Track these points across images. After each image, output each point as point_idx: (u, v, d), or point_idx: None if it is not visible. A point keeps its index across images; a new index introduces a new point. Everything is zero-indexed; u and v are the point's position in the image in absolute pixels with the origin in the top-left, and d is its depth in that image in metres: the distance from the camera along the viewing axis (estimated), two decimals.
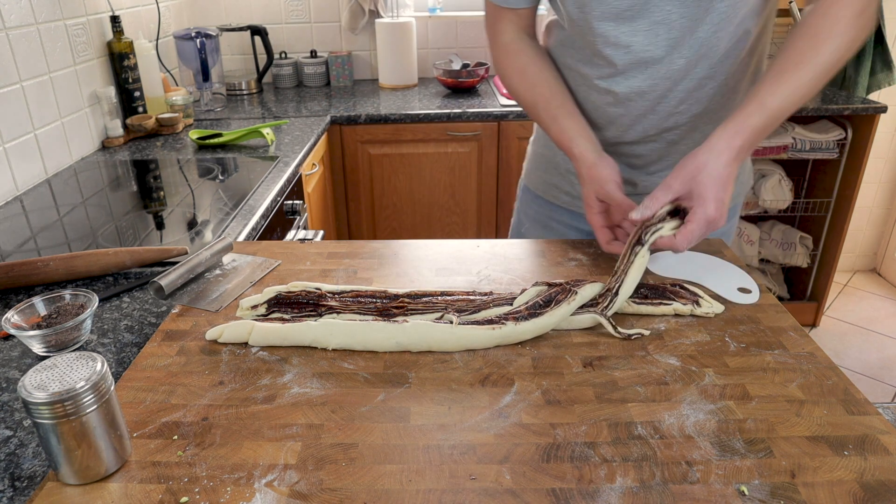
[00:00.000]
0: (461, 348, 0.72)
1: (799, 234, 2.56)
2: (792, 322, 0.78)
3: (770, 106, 0.80)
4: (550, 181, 1.14)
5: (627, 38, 0.89)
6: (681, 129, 0.98)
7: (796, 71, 0.79)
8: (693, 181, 0.78)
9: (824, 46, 0.79)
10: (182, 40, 2.13)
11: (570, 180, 1.10)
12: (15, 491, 0.57)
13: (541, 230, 1.17)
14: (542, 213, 1.17)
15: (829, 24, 0.79)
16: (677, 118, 0.96)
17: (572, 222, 1.13)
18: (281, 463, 0.57)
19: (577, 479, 0.55)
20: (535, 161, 1.18)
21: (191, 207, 1.31)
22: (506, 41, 1.01)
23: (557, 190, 1.13)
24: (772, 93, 0.80)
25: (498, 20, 1.01)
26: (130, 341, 0.80)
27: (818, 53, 0.79)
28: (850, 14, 0.79)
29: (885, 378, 2.41)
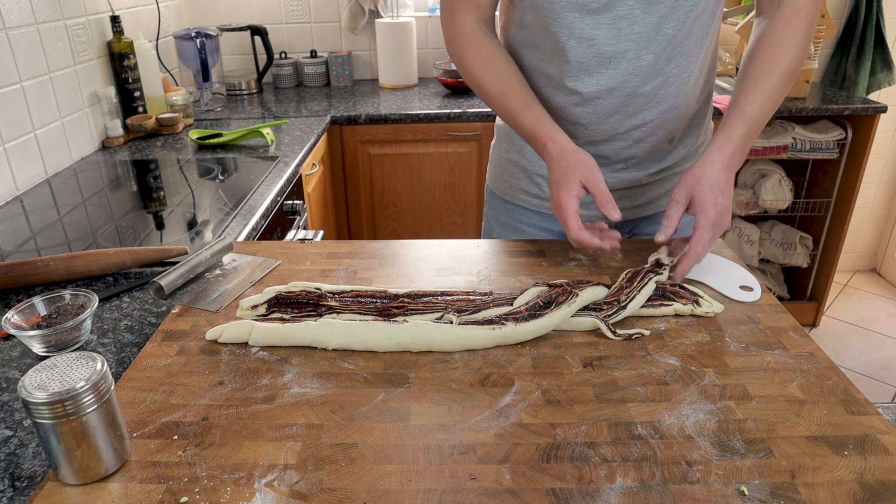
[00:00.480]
0: (461, 348, 0.72)
1: (799, 234, 2.56)
2: (792, 322, 0.78)
3: (750, 113, 0.87)
4: (516, 184, 1.13)
5: (591, 30, 0.90)
6: (648, 126, 0.98)
7: (768, 78, 0.87)
8: (693, 191, 0.85)
9: (788, 55, 0.87)
10: (182, 40, 2.13)
11: (536, 182, 1.09)
12: (15, 491, 0.57)
13: (511, 234, 1.16)
14: (510, 217, 1.16)
15: (790, 34, 0.88)
16: (644, 115, 0.96)
17: (541, 223, 1.13)
18: (281, 463, 0.57)
19: (577, 479, 0.55)
20: (499, 165, 1.17)
21: (191, 207, 1.31)
22: (467, 30, 1.00)
23: (524, 193, 1.12)
24: (750, 101, 0.87)
25: (457, 10, 1.00)
26: (130, 341, 0.80)
27: (783, 60, 0.87)
28: (806, 24, 0.88)
29: (885, 378, 2.41)
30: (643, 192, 1.07)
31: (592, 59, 0.92)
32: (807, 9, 0.88)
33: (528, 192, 1.12)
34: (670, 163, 1.05)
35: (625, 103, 0.95)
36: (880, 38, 2.56)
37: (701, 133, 1.07)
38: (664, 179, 1.07)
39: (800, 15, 0.88)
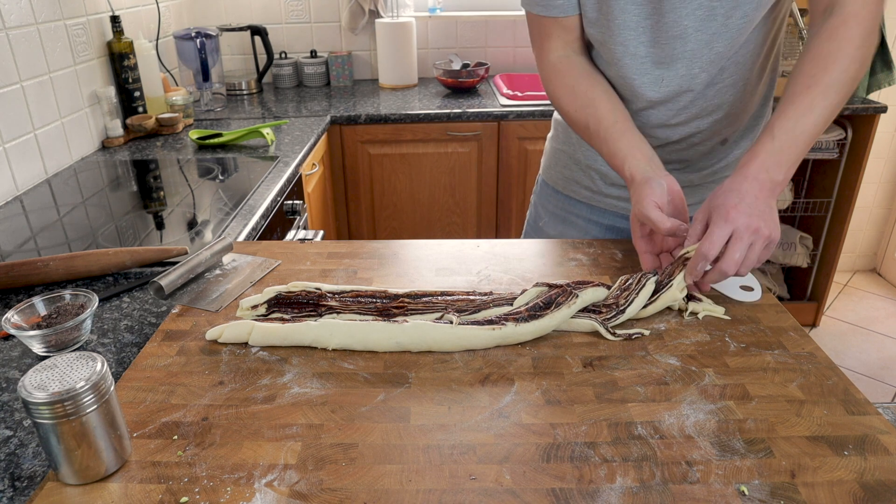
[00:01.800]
0: (461, 348, 0.72)
1: (799, 234, 2.56)
2: (792, 322, 0.78)
3: (781, 129, 0.80)
4: (570, 176, 1.15)
5: (645, 48, 0.90)
6: (701, 133, 0.99)
7: (807, 94, 0.80)
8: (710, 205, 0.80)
9: (833, 68, 0.80)
10: (182, 40, 2.13)
11: (589, 175, 1.11)
12: (15, 491, 0.57)
13: (559, 224, 1.19)
14: (560, 208, 1.18)
15: (836, 46, 0.80)
16: (698, 124, 0.97)
17: (591, 216, 1.14)
18: (281, 463, 0.57)
19: (577, 479, 0.55)
20: (553, 156, 1.19)
21: (191, 207, 1.31)
22: (553, 59, 0.98)
23: (577, 185, 1.14)
24: (784, 118, 0.80)
25: (545, 37, 0.97)
26: (130, 341, 0.80)
27: (827, 74, 0.80)
28: (858, 35, 0.80)
29: (885, 378, 2.41)
30: (694, 192, 1.07)
31: (645, 75, 0.92)
32: (857, 17, 0.81)
33: (580, 184, 1.13)
34: (724, 164, 1.05)
35: (677, 115, 0.95)
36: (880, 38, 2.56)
37: (757, 134, 1.06)
38: (717, 182, 1.07)
39: (849, 24, 0.81)
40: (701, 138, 1.00)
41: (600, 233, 1.15)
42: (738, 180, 0.79)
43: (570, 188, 1.16)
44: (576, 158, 1.13)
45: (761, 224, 0.75)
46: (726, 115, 0.96)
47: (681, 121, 0.97)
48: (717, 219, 0.76)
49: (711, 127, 0.98)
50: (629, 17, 0.89)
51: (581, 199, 1.15)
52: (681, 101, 0.94)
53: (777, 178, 0.79)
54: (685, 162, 1.04)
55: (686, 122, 0.97)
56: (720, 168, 1.07)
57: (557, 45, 0.97)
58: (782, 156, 0.80)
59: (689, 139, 1.00)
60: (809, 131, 0.80)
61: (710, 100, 0.94)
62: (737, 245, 0.74)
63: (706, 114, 0.96)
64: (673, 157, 1.03)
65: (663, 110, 0.96)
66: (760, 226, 0.75)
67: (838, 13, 0.82)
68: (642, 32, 0.89)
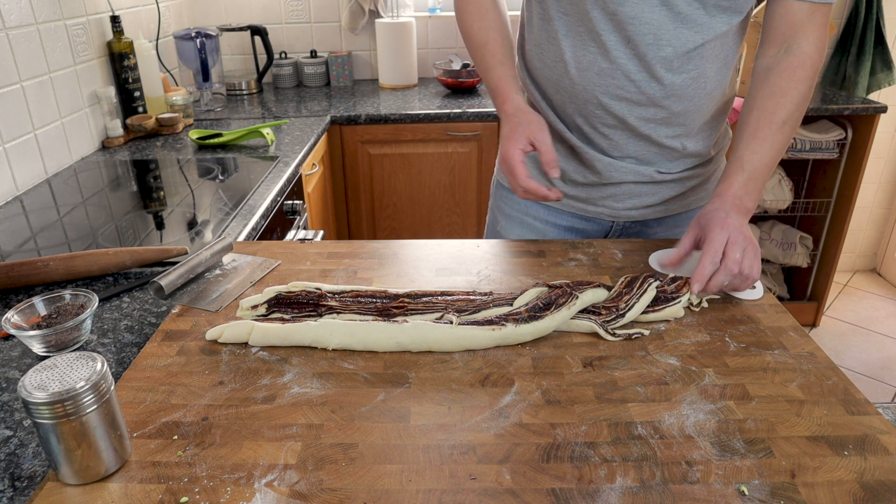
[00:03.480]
0: (461, 348, 0.72)
1: (799, 234, 2.56)
2: (792, 322, 0.78)
3: (749, 163, 0.88)
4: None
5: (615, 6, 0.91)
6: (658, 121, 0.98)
7: (768, 128, 0.89)
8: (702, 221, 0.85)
9: (791, 104, 0.89)
10: (182, 40, 2.13)
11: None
12: (15, 491, 0.57)
13: (517, 227, 1.17)
14: (517, 210, 1.16)
15: (794, 85, 0.89)
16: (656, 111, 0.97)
17: (549, 217, 1.13)
18: (281, 463, 0.57)
19: (577, 479, 0.55)
20: None
21: (191, 207, 1.31)
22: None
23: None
24: (750, 151, 0.89)
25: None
26: (130, 341, 0.80)
27: (786, 111, 0.89)
28: (812, 75, 0.90)
29: (885, 378, 2.41)
30: (653, 190, 1.06)
31: (614, 26, 0.92)
32: (812, 59, 0.89)
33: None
34: (681, 167, 1.05)
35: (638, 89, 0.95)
36: (880, 38, 2.56)
37: (714, 140, 1.06)
38: (676, 182, 1.06)
39: (806, 66, 0.89)
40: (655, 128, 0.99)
41: (558, 234, 1.14)
42: (718, 203, 0.86)
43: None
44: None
45: (749, 235, 0.82)
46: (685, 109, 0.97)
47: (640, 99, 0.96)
48: (713, 227, 0.82)
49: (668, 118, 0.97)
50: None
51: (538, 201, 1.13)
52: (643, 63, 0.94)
53: (748, 206, 0.87)
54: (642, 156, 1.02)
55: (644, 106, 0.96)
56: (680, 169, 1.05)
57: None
58: (751, 185, 0.88)
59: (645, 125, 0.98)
60: (771, 164, 0.89)
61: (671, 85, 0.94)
62: (734, 247, 0.79)
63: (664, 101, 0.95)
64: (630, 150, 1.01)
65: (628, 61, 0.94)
66: (749, 236, 0.81)
67: (796, 53, 0.90)
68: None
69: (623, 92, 0.95)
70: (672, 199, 1.08)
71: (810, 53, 0.89)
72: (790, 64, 0.89)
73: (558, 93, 1.01)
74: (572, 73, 0.97)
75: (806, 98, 0.90)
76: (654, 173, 1.04)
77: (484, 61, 1.02)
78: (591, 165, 1.04)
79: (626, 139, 1.01)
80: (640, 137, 1.00)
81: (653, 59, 0.92)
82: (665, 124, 0.98)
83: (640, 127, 0.98)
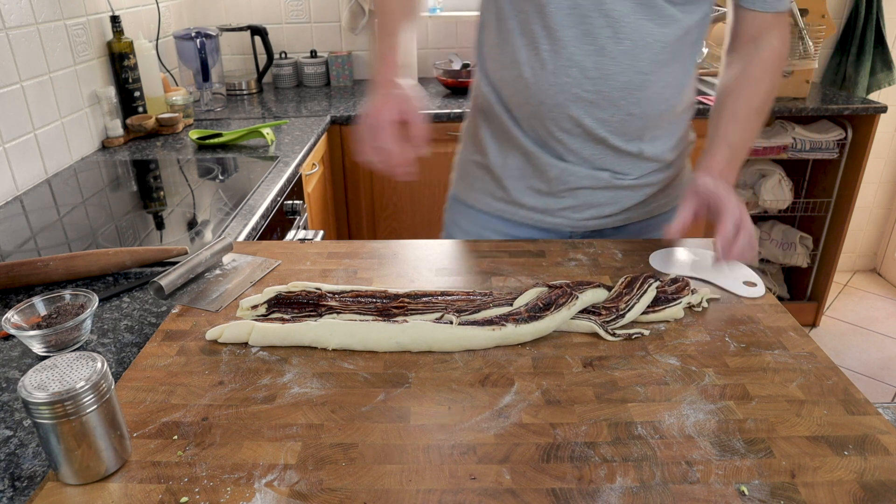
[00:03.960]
0: (461, 348, 0.72)
1: (799, 234, 2.56)
2: (792, 322, 0.78)
3: (732, 141, 0.94)
4: (480, 188, 1.10)
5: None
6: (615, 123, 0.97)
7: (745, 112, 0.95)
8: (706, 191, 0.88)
9: (764, 93, 0.96)
10: (182, 40, 2.13)
11: (502, 185, 1.06)
12: (15, 491, 0.57)
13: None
14: (473, 223, 1.13)
15: (769, 76, 0.96)
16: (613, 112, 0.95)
17: (506, 230, 1.10)
18: (281, 463, 0.57)
19: (577, 479, 0.55)
20: (463, 168, 1.14)
21: (191, 207, 1.31)
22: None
23: (489, 196, 1.09)
24: (731, 131, 0.94)
25: None
26: (130, 341, 0.80)
27: (760, 98, 0.96)
28: (780, 66, 0.98)
29: (885, 378, 2.41)
30: (611, 198, 1.03)
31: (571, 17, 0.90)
32: (781, 52, 0.97)
33: (493, 196, 1.09)
34: (639, 172, 1.02)
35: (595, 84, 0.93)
36: (880, 38, 2.56)
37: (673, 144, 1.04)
38: (634, 188, 1.03)
39: (776, 58, 0.97)
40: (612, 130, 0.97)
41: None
42: (710, 176, 0.90)
43: (482, 202, 1.10)
44: (487, 168, 1.08)
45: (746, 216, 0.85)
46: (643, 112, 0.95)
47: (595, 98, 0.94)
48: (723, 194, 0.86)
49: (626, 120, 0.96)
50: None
51: (494, 213, 1.09)
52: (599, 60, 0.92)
53: (731, 182, 0.91)
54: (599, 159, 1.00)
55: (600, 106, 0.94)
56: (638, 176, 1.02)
57: None
58: (734, 163, 0.93)
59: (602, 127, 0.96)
60: (748, 146, 0.96)
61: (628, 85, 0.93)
62: (746, 215, 0.85)
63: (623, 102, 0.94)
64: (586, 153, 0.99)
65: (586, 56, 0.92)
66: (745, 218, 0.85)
67: (766, 48, 0.96)
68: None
69: (580, 91, 0.93)
70: (631, 207, 1.05)
71: (779, 47, 0.96)
72: (763, 57, 0.96)
73: (514, 95, 0.99)
74: (527, 73, 0.95)
75: (775, 88, 0.97)
76: (609, 178, 1.01)
77: (381, 26, 0.99)
78: (546, 171, 1.01)
79: (581, 143, 0.98)
80: (596, 141, 0.98)
81: (611, 53, 0.90)
82: (622, 126, 0.96)
83: (597, 129, 0.96)
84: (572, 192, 1.02)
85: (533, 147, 1.01)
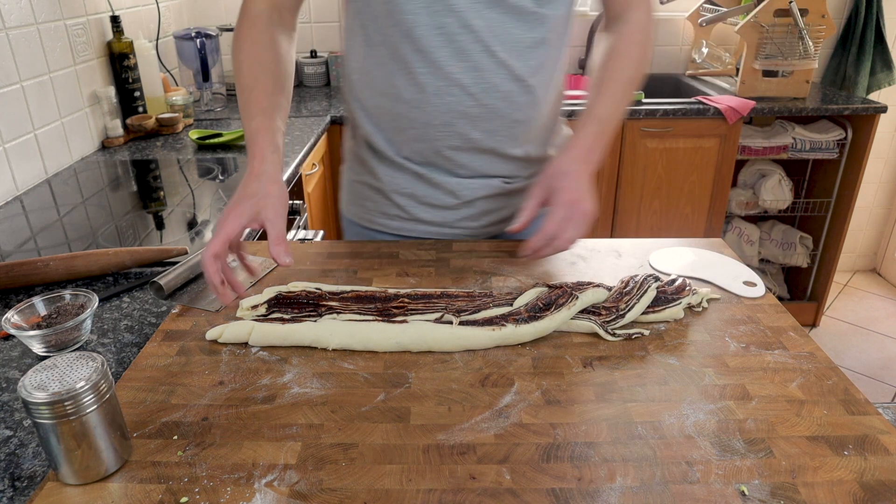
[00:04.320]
0: (461, 348, 0.72)
1: (799, 234, 2.56)
2: (792, 322, 0.78)
3: (599, 114, 0.94)
4: (373, 208, 1.06)
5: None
6: (501, 132, 0.96)
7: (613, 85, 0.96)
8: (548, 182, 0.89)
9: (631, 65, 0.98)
10: (182, 40, 2.13)
11: (394, 201, 1.03)
12: (15, 491, 0.57)
13: None
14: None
15: (633, 48, 0.97)
16: (499, 122, 0.94)
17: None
18: (281, 463, 0.57)
19: (577, 479, 0.55)
20: (352, 190, 1.10)
21: (191, 207, 1.31)
22: (255, 11, 0.96)
23: (382, 216, 1.06)
24: (599, 104, 0.95)
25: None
26: (130, 341, 0.80)
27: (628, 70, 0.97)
28: (644, 38, 0.99)
29: (885, 378, 2.41)
30: (505, 203, 1.03)
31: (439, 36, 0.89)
32: (644, 25, 0.98)
33: (386, 215, 1.05)
34: (527, 173, 1.02)
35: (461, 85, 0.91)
36: (880, 37, 2.56)
37: (551, 139, 1.05)
38: (523, 190, 1.01)
39: (639, 31, 0.98)
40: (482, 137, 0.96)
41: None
42: (569, 159, 0.91)
43: (377, 222, 1.07)
44: (376, 188, 1.04)
45: (587, 205, 0.87)
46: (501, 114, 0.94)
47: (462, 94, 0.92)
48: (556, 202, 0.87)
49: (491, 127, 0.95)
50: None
51: (391, 232, 1.06)
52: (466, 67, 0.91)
53: (595, 158, 0.93)
54: (479, 167, 0.99)
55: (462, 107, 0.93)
56: (524, 176, 1.02)
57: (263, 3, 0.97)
58: (602, 138, 0.94)
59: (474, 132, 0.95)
60: (617, 119, 0.96)
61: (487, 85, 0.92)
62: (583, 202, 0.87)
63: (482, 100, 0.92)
64: (464, 161, 0.97)
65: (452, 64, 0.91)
66: (587, 206, 0.87)
67: (629, 22, 0.98)
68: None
69: (464, 108, 0.92)
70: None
71: (642, 20, 0.98)
72: (627, 30, 0.98)
73: (394, 121, 0.96)
74: (407, 98, 0.92)
75: (643, 59, 0.98)
76: (501, 184, 1.01)
77: (248, 106, 0.90)
78: (439, 188, 1.00)
79: (471, 156, 0.97)
80: (485, 152, 0.97)
81: (486, 67, 0.90)
82: (509, 134, 0.96)
83: (485, 141, 0.95)
84: (467, 204, 1.02)
85: (422, 169, 0.99)
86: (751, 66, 2.26)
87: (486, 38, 0.89)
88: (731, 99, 2.22)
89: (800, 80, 2.28)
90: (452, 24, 0.88)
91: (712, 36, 2.66)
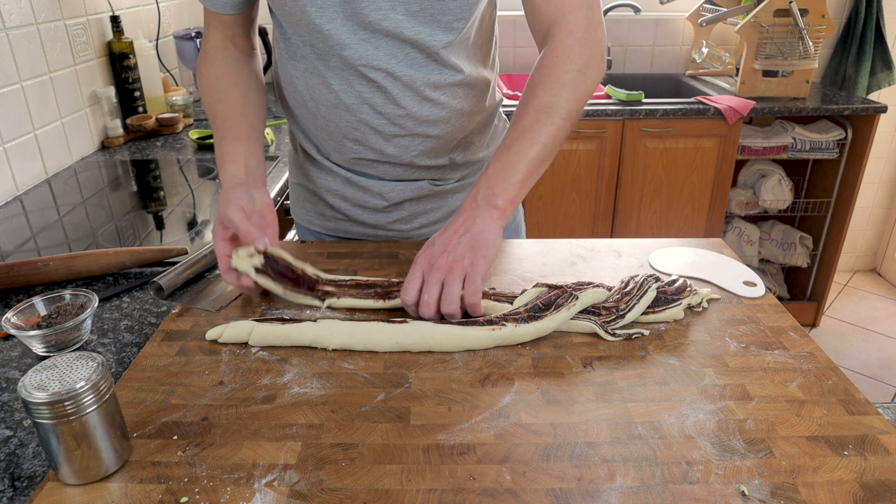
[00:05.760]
0: (461, 348, 0.72)
1: (799, 234, 2.56)
2: (792, 322, 0.78)
3: (505, 157, 0.82)
4: (310, 209, 1.08)
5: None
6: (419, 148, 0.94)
7: (528, 118, 0.82)
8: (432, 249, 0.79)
9: (547, 93, 0.83)
10: (182, 40, 2.13)
11: (326, 200, 1.04)
12: (15, 491, 0.57)
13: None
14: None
15: (546, 74, 0.83)
16: (416, 140, 0.93)
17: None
18: (281, 463, 0.57)
19: (577, 479, 0.55)
20: (294, 192, 1.12)
21: (191, 207, 1.31)
22: (210, 48, 0.98)
23: (318, 216, 1.08)
24: (509, 141, 0.82)
25: (207, 25, 0.98)
26: (130, 341, 0.80)
27: (540, 100, 0.83)
28: (566, 60, 0.83)
29: (885, 378, 2.41)
30: (436, 204, 1.03)
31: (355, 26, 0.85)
32: (579, 36, 0.83)
33: (324, 216, 1.07)
34: (457, 176, 1.02)
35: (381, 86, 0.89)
36: (880, 38, 2.56)
37: (485, 143, 1.04)
38: (456, 191, 1.03)
39: (558, 52, 0.84)
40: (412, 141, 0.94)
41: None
42: (463, 209, 0.81)
43: (317, 223, 1.09)
44: (310, 190, 1.05)
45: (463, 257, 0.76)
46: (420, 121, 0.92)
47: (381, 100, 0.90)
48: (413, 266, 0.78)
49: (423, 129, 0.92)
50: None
51: (330, 233, 1.08)
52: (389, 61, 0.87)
53: (500, 204, 0.80)
54: (411, 167, 0.97)
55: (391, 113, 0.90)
56: (456, 179, 1.02)
57: (216, 35, 0.97)
58: (509, 179, 0.81)
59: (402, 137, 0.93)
60: (530, 155, 0.81)
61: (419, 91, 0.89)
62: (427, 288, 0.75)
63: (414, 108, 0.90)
64: (401, 158, 0.96)
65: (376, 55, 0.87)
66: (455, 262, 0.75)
67: (552, 42, 0.84)
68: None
69: (377, 125, 0.91)
70: (458, 209, 0.94)
71: (568, 39, 0.84)
72: (546, 54, 0.85)
73: (316, 129, 0.97)
74: (323, 110, 0.93)
75: (567, 84, 0.83)
76: (429, 186, 1.00)
77: (215, 140, 0.91)
78: (367, 190, 1.00)
79: (389, 167, 0.97)
80: (403, 165, 0.97)
81: (392, 92, 0.88)
82: (427, 150, 0.95)
83: (402, 156, 0.95)
84: (397, 206, 1.01)
85: (347, 173, 1.00)
86: (751, 66, 2.26)
87: (385, 64, 0.86)
88: (731, 99, 2.22)
89: (800, 80, 2.28)
90: (351, 57, 0.85)
91: (712, 36, 2.66)
